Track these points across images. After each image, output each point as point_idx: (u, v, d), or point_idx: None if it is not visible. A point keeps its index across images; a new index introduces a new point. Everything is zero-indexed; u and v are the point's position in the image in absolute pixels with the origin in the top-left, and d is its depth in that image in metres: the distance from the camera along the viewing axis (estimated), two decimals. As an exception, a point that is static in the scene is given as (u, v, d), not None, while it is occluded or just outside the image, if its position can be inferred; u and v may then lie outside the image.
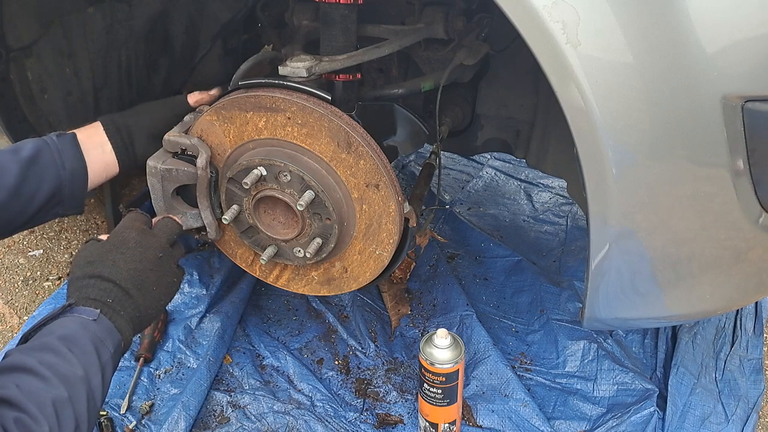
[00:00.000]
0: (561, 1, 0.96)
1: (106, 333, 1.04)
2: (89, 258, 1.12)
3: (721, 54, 0.98)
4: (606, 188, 1.08)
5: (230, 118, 1.29)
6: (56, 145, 1.25)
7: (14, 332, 1.98)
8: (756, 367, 1.79)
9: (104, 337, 1.03)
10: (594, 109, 1.01)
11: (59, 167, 1.24)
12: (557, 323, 1.90)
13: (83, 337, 1.00)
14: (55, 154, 1.24)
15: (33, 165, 1.21)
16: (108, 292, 1.08)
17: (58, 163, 1.24)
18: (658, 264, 1.20)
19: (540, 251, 2.28)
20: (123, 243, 1.15)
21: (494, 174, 2.72)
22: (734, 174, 1.06)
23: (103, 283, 1.08)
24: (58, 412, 0.89)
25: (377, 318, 1.97)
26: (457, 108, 1.84)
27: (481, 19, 1.58)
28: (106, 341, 1.03)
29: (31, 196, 1.21)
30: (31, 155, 1.21)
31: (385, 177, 1.26)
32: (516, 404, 1.66)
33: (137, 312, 1.11)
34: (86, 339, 1.00)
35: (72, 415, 0.92)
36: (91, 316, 1.03)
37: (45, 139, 1.25)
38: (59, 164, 1.24)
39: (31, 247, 2.36)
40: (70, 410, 0.91)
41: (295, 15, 1.59)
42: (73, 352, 0.97)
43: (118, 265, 1.11)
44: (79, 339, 0.99)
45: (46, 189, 1.23)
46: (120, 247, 1.14)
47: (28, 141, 1.24)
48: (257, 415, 1.65)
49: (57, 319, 1.02)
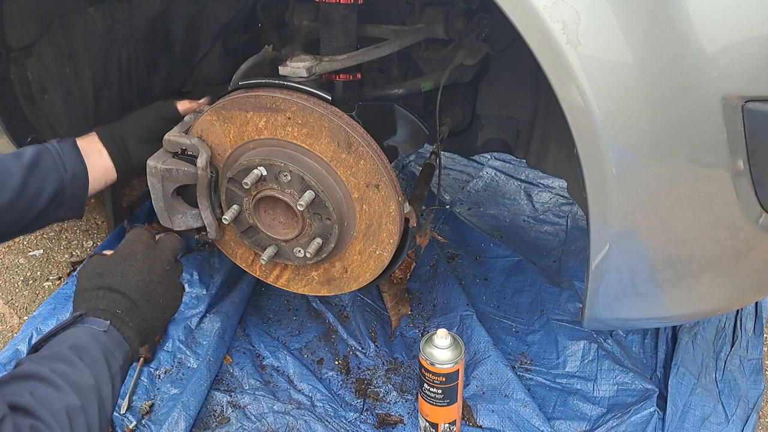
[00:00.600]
0: (561, 1, 0.96)
1: (115, 344, 1.06)
2: (98, 270, 1.14)
3: (721, 54, 0.98)
4: (606, 188, 1.08)
5: (230, 118, 1.29)
6: (57, 149, 1.28)
7: (14, 332, 1.98)
8: (756, 367, 1.79)
9: (114, 348, 1.05)
10: (594, 109, 1.01)
11: (61, 170, 1.27)
12: (557, 323, 1.90)
13: (94, 347, 1.02)
14: (56, 157, 1.27)
15: (36, 168, 1.23)
16: (117, 303, 1.10)
17: (60, 166, 1.27)
18: (658, 264, 1.20)
19: (540, 251, 2.28)
20: (131, 256, 1.17)
21: (494, 174, 2.72)
22: (734, 174, 1.06)
23: (112, 294, 1.10)
24: (71, 419, 0.91)
25: (377, 318, 1.97)
26: (458, 108, 1.84)
27: (482, 19, 1.58)
28: (115, 352, 1.05)
29: (34, 197, 1.23)
30: (34, 158, 1.24)
31: (385, 177, 1.26)
32: (516, 404, 1.66)
33: (144, 324, 1.12)
34: (97, 349, 1.02)
35: (84, 423, 0.93)
36: (101, 327, 1.05)
37: (46, 145, 1.29)
38: (61, 167, 1.27)
39: (31, 247, 2.36)
40: (83, 418, 0.93)
41: (295, 15, 1.59)
42: (85, 361, 0.99)
43: (127, 276, 1.13)
44: (90, 349, 1.01)
45: (49, 191, 1.25)
46: (128, 260, 1.16)
47: (29, 147, 1.27)
48: (257, 415, 1.65)
49: (68, 329, 1.04)
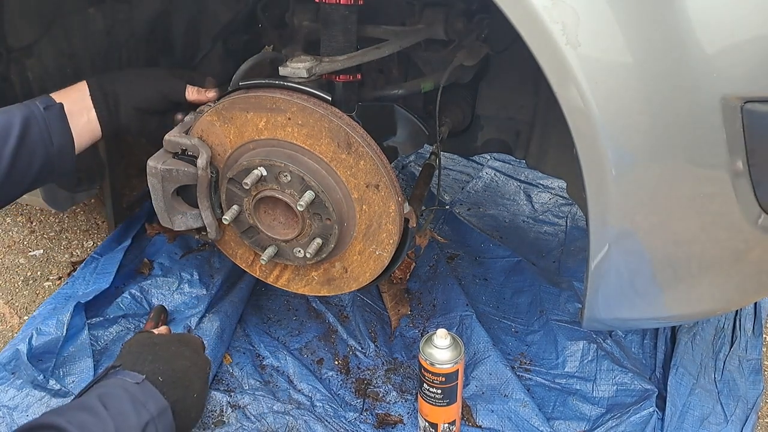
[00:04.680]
0: (560, 2, 0.96)
1: (148, 395, 1.02)
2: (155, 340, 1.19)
3: (720, 55, 0.98)
4: (606, 189, 1.08)
5: (231, 118, 1.30)
6: (44, 119, 1.22)
7: (14, 332, 1.97)
8: (755, 367, 1.79)
9: (146, 400, 1.01)
10: (594, 110, 1.01)
11: (47, 144, 1.23)
12: (557, 324, 1.91)
13: (121, 396, 0.99)
14: (42, 128, 1.22)
15: (22, 147, 1.19)
16: (159, 373, 1.09)
17: (47, 140, 1.22)
18: (657, 264, 1.20)
19: (540, 252, 2.28)
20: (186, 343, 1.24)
21: (494, 174, 2.72)
22: (733, 175, 1.07)
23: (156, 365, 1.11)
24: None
25: (377, 318, 1.98)
26: (457, 109, 1.84)
27: (481, 19, 1.58)
28: (147, 403, 1.01)
29: (22, 176, 1.21)
30: (21, 133, 1.18)
31: (385, 177, 1.26)
32: (515, 404, 1.66)
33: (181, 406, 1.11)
34: (125, 399, 0.99)
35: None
36: (134, 379, 1.03)
37: (33, 110, 1.22)
38: (47, 141, 1.23)
39: (32, 247, 2.36)
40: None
41: (295, 16, 1.59)
42: (109, 410, 0.95)
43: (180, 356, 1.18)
44: (115, 398, 0.98)
45: (37, 166, 1.22)
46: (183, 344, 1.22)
47: (16, 112, 1.20)
48: (257, 415, 1.66)
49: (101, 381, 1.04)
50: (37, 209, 2.53)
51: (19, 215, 2.51)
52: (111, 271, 1.99)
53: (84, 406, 0.96)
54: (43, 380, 1.67)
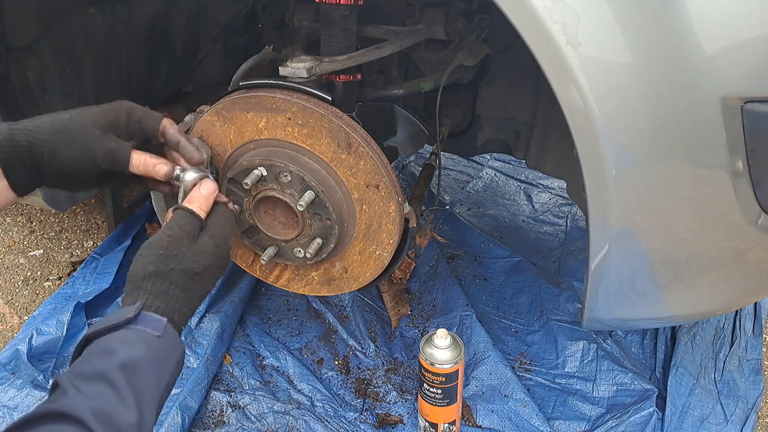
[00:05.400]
0: (560, 2, 0.96)
1: (169, 347, 0.97)
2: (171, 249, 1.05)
3: (720, 55, 0.98)
4: (606, 189, 1.08)
5: (231, 118, 1.30)
6: None
7: (14, 332, 1.98)
8: (755, 367, 1.79)
9: (167, 354, 0.96)
10: (594, 110, 1.01)
11: None
12: (557, 324, 1.91)
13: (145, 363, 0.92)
14: None
15: None
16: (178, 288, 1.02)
17: None
18: (657, 264, 1.20)
19: (540, 252, 2.28)
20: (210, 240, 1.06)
21: (494, 175, 2.72)
22: (733, 175, 1.07)
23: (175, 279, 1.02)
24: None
25: (377, 318, 1.98)
26: (457, 109, 1.84)
27: (481, 20, 1.59)
28: (167, 359, 0.96)
29: None
30: None
31: (385, 177, 1.26)
32: (516, 404, 1.66)
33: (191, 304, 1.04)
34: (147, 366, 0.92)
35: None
36: (157, 330, 0.95)
37: None
38: None
39: (31, 247, 2.36)
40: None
41: (295, 16, 1.59)
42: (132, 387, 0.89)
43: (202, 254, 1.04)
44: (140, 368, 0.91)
45: None
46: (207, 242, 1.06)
47: None
48: (257, 415, 1.66)
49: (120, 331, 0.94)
50: (37, 209, 2.52)
51: (19, 215, 2.51)
52: (111, 271, 1.99)
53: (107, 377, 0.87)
54: (43, 380, 1.68)
